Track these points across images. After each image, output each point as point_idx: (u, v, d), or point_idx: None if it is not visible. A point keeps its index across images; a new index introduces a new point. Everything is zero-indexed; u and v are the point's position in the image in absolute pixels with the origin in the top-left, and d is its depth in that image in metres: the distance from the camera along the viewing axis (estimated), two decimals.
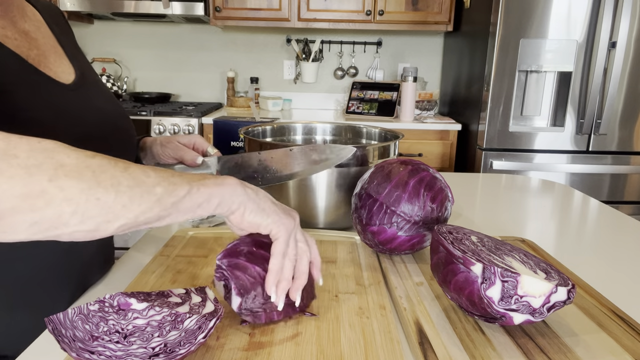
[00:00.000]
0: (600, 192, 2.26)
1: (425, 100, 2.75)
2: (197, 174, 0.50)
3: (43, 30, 0.69)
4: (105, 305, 0.47)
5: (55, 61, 0.68)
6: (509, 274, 0.51)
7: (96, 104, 0.71)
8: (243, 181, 0.53)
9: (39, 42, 0.67)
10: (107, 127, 0.71)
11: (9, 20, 0.63)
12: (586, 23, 2.08)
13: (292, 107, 3.10)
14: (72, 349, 0.43)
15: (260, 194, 0.54)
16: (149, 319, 0.46)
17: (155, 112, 2.48)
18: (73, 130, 0.62)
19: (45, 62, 0.65)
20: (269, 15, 2.64)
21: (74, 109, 0.65)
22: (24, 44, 0.63)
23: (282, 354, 0.50)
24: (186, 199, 0.46)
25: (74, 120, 0.64)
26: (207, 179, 0.49)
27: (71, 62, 0.71)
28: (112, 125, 0.73)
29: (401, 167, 0.74)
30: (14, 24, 0.64)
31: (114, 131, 0.73)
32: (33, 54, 0.64)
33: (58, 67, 0.67)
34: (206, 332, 0.47)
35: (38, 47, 0.66)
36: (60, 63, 0.69)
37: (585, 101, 2.15)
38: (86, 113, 0.67)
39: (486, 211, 1.08)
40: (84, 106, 0.68)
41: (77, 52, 0.76)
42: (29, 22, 0.67)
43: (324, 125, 1.14)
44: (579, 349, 0.52)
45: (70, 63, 0.71)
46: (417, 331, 0.55)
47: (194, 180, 0.47)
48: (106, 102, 0.75)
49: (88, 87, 0.71)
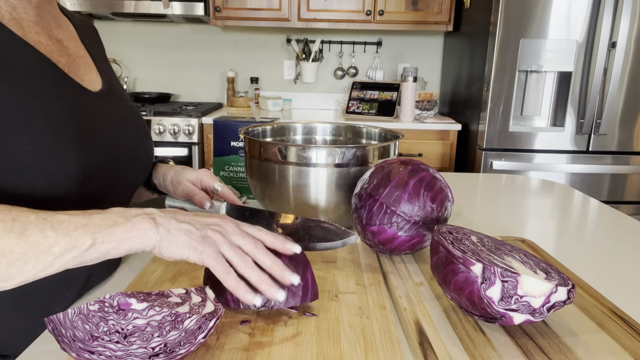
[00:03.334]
0: (600, 192, 2.26)
1: (425, 100, 2.75)
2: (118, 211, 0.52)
3: (75, 41, 0.72)
4: (105, 305, 0.47)
5: (85, 70, 0.70)
6: (509, 274, 0.51)
7: (120, 114, 0.73)
8: (158, 214, 0.53)
9: (70, 50, 0.69)
10: (126, 138, 0.73)
11: (44, 28, 0.66)
12: (586, 23, 2.09)
13: (292, 107, 3.10)
14: (72, 349, 0.43)
15: (173, 229, 0.52)
16: (149, 319, 0.46)
17: (155, 112, 2.48)
18: (91, 137, 0.64)
19: (74, 70, 0.67)
20: (269, 15, 2.64)
21: (98, 116, 0.67)
22: (56, 50, 0.66)
23: (282, 354, 0.50)
24: (90, 250, 0.48)
25: (95, 128, 0.65)
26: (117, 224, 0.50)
27: (100, 73, 0.73)
28: (132, 137, 0.75)
29: (401, 167, 0.74)
30: (48, 31, 0.66)
31: (132, 143, 0.74)
32: (64, 61, 0.66)
33: (86, 76, 0.69)
34: (206, 332, 0.47)
35: (69, 55, 0.68)
36: (89, 72, 0.71)
37: (585, 101, 2.15)
38: (109, 122, 0.69)
39: (486, 211, 1.08)
40: (107, 115, 0.69)
41: (106, 65, 0.79)
42: (63, 31, 0.70)
43: (324, 125, 1.14)
44: (579, 349, 0.52)
45: (98, 74, 0.73)
46: (417, 331, 0.55)
47: (100, 230, 0.49)
48: (130, 114, 0.77)
49: (114, 97, 0.73)
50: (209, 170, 0.84)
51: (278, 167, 0.84)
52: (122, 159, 0.71)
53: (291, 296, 0.57)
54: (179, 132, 2.46)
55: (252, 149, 0.89)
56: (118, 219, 0.50)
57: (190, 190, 0.81)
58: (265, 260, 0.55)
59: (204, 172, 0.83)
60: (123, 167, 0.72)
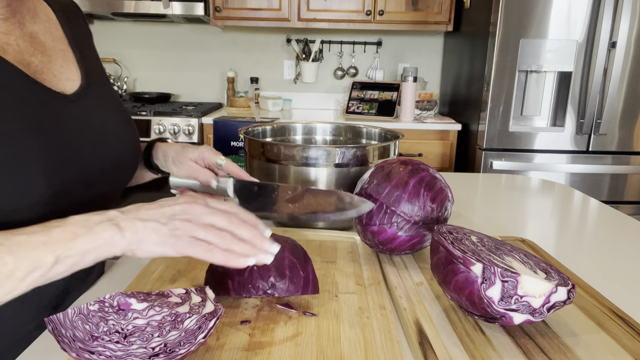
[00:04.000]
0: (600, 192, 2.26)
1: (425, 100, 2.75)
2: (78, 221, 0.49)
3: (54, 32, 0.67)
4: (105, 305, 0.47)
5: (61, 67, 0.65)
6: (509, 274, 0.51)
7: (97, 114, 0.68)
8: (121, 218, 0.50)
9: (46, 45, 0.64)
10: (105, 143, 0.68)
11: (16, 23, 0.61)
12: (586, 23, 2.08)
13: (292, 107, 3.10)
14: (72, 349, 0.43)
15: (139, 230, 0.50)
16: (149, 319, 0.46)
17: (155, 112, 2.48)
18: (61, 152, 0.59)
19: (48, 69, 0.63)
20: (269, 15, 2.64)
21: (71, 125, 0.62)
22: (27, 50, 0.61)
23: (282, 354, 0.50)
24: (56, 266, 0.47)
25: (66, 140, 0.61)
26: (79, 235, 0.48)
27: (79, 67, 0.68)
28: (112, 139, 0.70)
29: (401, 167, 0.74)
30: (21, 26, 0.62)
31: (112, 148, 0.69)
32: (36, 60, 0.61)
33: (63, 74, 0.65)
34: (206, 332, 0.47)
35: (44, 51, 0.63)
36: (67, 69, 0.66)
37: (585, 101, 2.15)
38: (83, 129, 0.64)
39: (486, 211, 1.08)
40: (82, 121, 0.65)
41: (90, 53, 0.73)
42: (39, 23, 0.65)
43: (324, 125, 1.14)
44: (579, 349, 0.52)
45: (77, 69, 0.68)
46: (417, 331, 0.55)
47: (61, 245, 0.47)
48: (112, 112, 0.72)
49: (91, 96, 0.68)
50: (210, 147, 0.80)
51: (278, 167, 0.84)
52: (100, 169, 0.66)
53: (292, 284, 0.58)
54: (179, 132, 2.46)
55: (252, 149, 0.89)
56: (79, 230, 0.48)
57: (194, 169, 0.78)
58: (243, 232, 0.53)
59: (205, 148, 0.80)
60: (101, 179, 0.67)
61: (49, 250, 0.46)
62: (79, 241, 0.48)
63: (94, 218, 0.50)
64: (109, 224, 0.49)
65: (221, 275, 0.59)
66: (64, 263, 0.47)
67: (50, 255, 0.46)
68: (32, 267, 0.46)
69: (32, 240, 0.46)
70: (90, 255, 0.48)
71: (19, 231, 0.47)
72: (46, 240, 0.47)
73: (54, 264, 0.47)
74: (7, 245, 0.45)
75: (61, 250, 0.47)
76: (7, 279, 0.45)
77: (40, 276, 0.46)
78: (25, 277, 0.46)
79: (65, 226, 0.48)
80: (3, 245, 0.45)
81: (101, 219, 0.50)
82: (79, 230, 0.48)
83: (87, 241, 0.48)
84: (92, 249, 0.48)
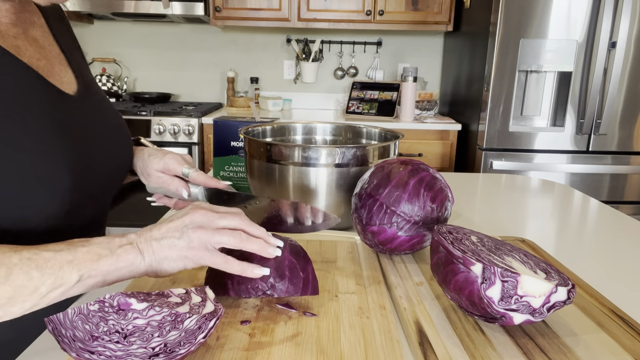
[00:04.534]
0: (600, 192, 2.26)
1: (425, 100, 2.75)
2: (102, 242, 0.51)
3: (48, 37, 0.67)
4: (105, 305, 0.47)
5: (60, 71, 0.66)
6: (509, 274, 0.51)
7: (99, 114, 0.70)
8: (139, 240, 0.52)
9: (46, 50, 0.65)
10: (108, 140, 0.70)
11: (22, 28, 0.62)
12: (586, 23, 2.08)
13: (292, 107, 3.10)
14: (72, 349, 0.43)
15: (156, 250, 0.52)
16: (149, 319, 0.46)
17: (155, 112, 2.48)
18: (75, 143, 0.61)
19: (52, 72, 0.64)
20: (269, 15, 2.64)
21: (80, 122, 0.64)
22: (35, 54, 0.62)
23: (282, 354, 0.50)
24: (77, 285, 0.48)
25: (80, 136, 0.63)
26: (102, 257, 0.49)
27: (73, 70, 0.69)
28: (114, 137, 0.72)
29: (401, 167, 0.74)
30: (25, 31, 0.62)
31: (114, 145, 0.71)
32: (42, 65, 0.62)
33: (63, 77, 0.66)
34: (206, 332, 0.47)
35: (46, 56, 0.64)
36: (65, 72, 0.67)
37: (585, 101, 2.15)
38: (88, 126, 0.66)
39: (486, 211, 1.08)
40: (89, 118, 0.67)
41: (77, 56, 0.73)
42: (37, 27, 0.65)
43: (324, 125, 1.14)
44: (579, 349, 0.52)
45: (72, 71, 0.69)
46: (417, 331, 0.55)
47: (86, 265, 0.48)
48: (109, 112, 0.73)
49: (91, 96, 0.70)
50: (175, 154, 0.76)
51: (278, 167, 0.84)
52: (106, 164, 0.69)
53: (292, 285, 0.58)
54: (179, 132, 2.47)
55: (252, 149, 0.89)
56: (103, 251, 0.50)
57: (163, 180, 0.76)
58: (254, 230, 0.56)
59: (170, 158, 0.75)
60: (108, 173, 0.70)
61: (74, 269, 0.48)
62: (102, 262, 0.49)
63: (116, 241, 0.52)
64: (130, 247, 0.51)
65: (221, 276, 0.59)
66: (85, 283, 0.49)
67: (75, 275, 0.48)
68: (57, 284, 0.47)
69: (59, 257, 0.48)
70: (111, 276, 0.50)
71: (44, 247, 0.48)
72: (72, 259, 0.48)
73: (76, 283, 0.48)
74: (34, 260, 0.47)
75: (85, 270, 0.48)
76: (31, 294, 0.46)
77: (61, 294, 0.48)
78: (49, 293, 0.47)
79: (90, 246, 0.50)
80: (31, 260, 0.46)
81: (123, 242, 0.52)
82: (103, 251, 0.50)
83: (109, 263, 0.50)
84: (114, 270, 0.50)
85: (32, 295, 0.46)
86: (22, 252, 0.47)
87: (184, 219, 0.54)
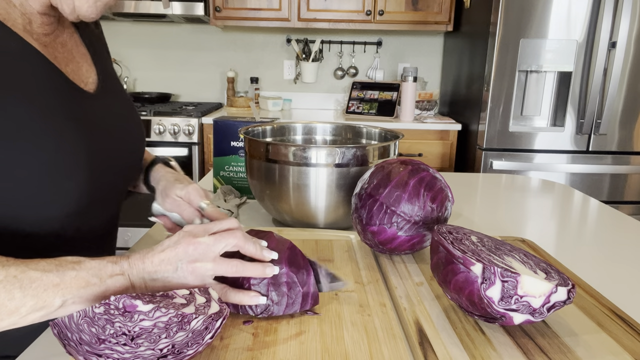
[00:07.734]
0: (600, 192, 2.26)
1: (425, 100, 2.75)
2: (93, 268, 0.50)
3: (75, 36, 0.70)
4: (110, 307, 0.46)
5: (87, 71, 0.69)
6: (509, 274, 0.51)
7: (115, 110, 0.72)
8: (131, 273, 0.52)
9: (73, 52, 0.68)
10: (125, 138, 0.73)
11: (53, 35, 0.65)
12: (586, 23, 2.09)
13: (292, 107, 3.10)
14: (79, 352, 0.43)
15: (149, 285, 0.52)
16: (156, 320, 0.46)
17: (155, 112, 2.48)
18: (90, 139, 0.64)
19: (78, 76, 0.67)
20: (269, 15, 2.64)
21: (95, 117, 0.67)
22: (64, 59, 0.65)
23: (287, 353, 0.50)
24: (60, 310, 0.48)
25: (93, 129, 0.65)
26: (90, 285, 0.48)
27: (95, 67, 0.72)
28: (130, 136, 0.75)
29: (401, 167, 0.74)
30: (56, 37, 0.66)
31: (130, 144, 0.75)
32: (69, 69, 0.65)
33: (89, 78, 0.69)
34: (213, 332, 0.47)
35: (72, 58, 0.67)
36: (88, 69, 0.70)
37: (585, 101, 2.15)
38: (105, 121, 0.69)
39: (486, 211, 1.08)
40: (104, 114, 0.69)
41: (102, 51, 0.77)
42: (65, 29, 0.69)
43: (324, 125, 1.14)
44: (579, 349, 0.52)
45: (94, 68, 0.72)
46: (417, 331, 0.55)
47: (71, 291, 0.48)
48: (127, 110, 0.76)
49: (111, 93, 0.73)
50: (198, 187, 0.77)
51: (278, 167, 0.85)
52: (123, 161, 0.72)
53: (290, 306, 0.57)
54: (179, 132, 2.47)
55: (252, 149, 0.89)
56: (92, 279, 0.49)
57: (179, 204, 0.76)
58: (249, 247, 0.56)
59: (193, 188, 0.76)
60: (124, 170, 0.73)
61: (58, 294, 0.47)
62: (89, 290, 0.49)
63: (107, 268, 0.51)
64: (122, 278, 0.51)
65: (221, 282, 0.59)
66: (69, 308, 0.48)
67: (59, 299, 0.47)
68: (38, 306, 0.46)
69: (45, 279, 0.47)
70: (97, 302, 0.49)
71: (34, 264, 0.48)
72: (58, 282, 0.47)
73: (58, 307, 0.47)
74: (19, 279, 0.46)
75: (70, 296, 0.48)
76: (10, 314, 0.46)
77: (41, 317, 0.47)
78: (28, 314, 0.46)
79: (80, 271, 0.49)
80: (16, 278, 0.46)
81: (115, 270, 0.51)
82: (92, 279, 0.49)
83: (97, 292, 0.49)
84: (101, 299, 0.49)
85: (12, 315, 0.46)
86: (9, 268, 0.46)
87: (177, 251, 0.53)
